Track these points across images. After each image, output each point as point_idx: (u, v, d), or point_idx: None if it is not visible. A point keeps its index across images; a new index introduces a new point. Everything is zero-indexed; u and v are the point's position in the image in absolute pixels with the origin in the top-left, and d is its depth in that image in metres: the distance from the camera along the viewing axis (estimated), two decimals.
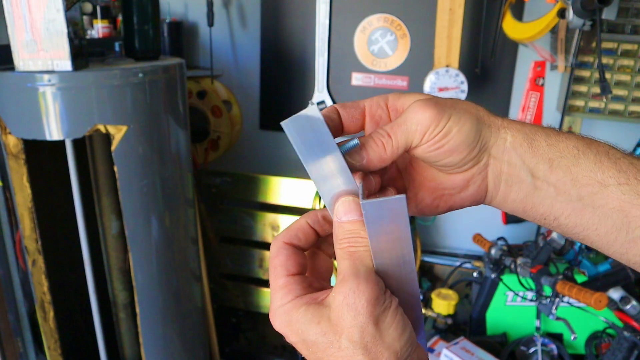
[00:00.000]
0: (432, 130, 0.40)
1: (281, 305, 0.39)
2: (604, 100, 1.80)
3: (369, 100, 0.46)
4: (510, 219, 2.09)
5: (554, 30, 1.67)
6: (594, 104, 1.82)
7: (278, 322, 0.40)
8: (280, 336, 0.41)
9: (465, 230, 2.13)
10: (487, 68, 1.92)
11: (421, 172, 0.46)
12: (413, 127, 0.41)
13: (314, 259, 0.45)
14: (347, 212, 0.39)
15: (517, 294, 1.70)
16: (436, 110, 0.40)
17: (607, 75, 1.75)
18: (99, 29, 2.03)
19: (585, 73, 1.80)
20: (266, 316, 2.14)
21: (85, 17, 1.98)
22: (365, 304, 0.36)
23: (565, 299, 1.53)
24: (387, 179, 0.47)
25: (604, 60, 1.74)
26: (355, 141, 0.41)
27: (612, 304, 1.51)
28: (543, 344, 1.66)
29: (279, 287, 0.40)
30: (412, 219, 1.93)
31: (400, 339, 0.37)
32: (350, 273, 0.37)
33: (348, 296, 0.36)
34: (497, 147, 0.42)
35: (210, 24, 1.99)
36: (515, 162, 0.42)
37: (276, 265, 0.41)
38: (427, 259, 2.11)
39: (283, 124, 0.38)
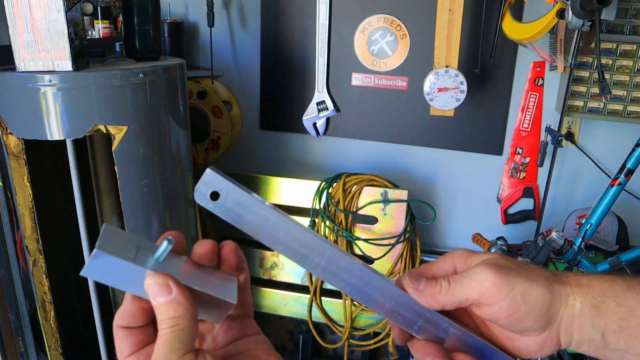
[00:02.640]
0: (493, 295, 0.42)
1: None
2: (603, 100, 1.80)
3: (435, 269, 0.49)
4: (509, 219, 2.10)
5: (553, 31, 1.67)
6: (593, 104, 1.83)
7: None
8: (281, 336, 0.42)
9: (465, 229, 2.13)
10: (487, 68, 1.93)
11: (495, 331, 0.47)
12: (473, 284, 0.43)
13: None
14: (155, 295, 0.38)
15: None
16: (502, 280, 0.42)
17: (606, 76, 1.76)
18: (99, 29, 2.03)
19: (585, 73, 1.81)
20: (266, 316, 2.15)
21: (86, 18, 1.98)
22: None
23: None
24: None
25: (603, 60, 1.75)
26: (165, 244, 0.40)
27: None
28: None
29: None
30: (412, 219, 1.94)
31: None
32: None
33: None
34: (567, 315, 0.43)
35: (211, 24, 2.00)
36: (585, 326, 0.43)
37: (116, 348, 0.42)
38: (427, 258, 2.11)
39: (83, 274, 0.39)
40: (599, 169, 1.93)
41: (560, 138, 1.80)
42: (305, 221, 1.99)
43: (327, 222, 1.92)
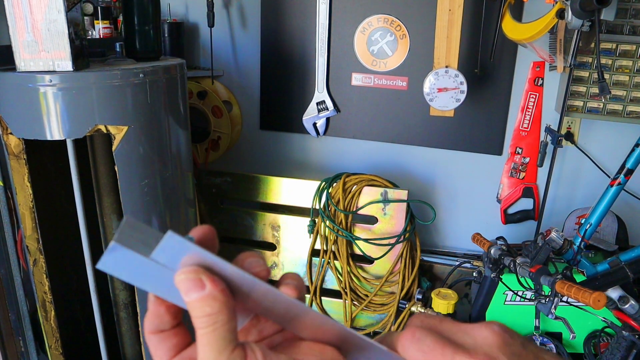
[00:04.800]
0: None
1: None
2: (603, 100, 1.80)
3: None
4: (509, 219, 2.10)
5: (552, 31, 1.68)
6: (592, 104, 1.83)
7: None
8: None
9: (465, 229, 2.13)
10: (487, 68, 1.93)
11: None
12: None
13: None
14: (187, 291, 0.34)
15: (516, 294, 1.71)
16: None
17: (606, 76, 1.76)
18: (99, 29, 2.03)
19: (584, 73, 1.81)
20: None
21: (86, 18, 1.98)
22: None
23: (564, 298, 1.54)
24: None
25: (603, 60, 1.75)
26: (192, 237, 0.36)
27: (610, 303, 1.52)
28: (542, 343, 1.67)
29: None
30: (412, 219, 1.94)
31: None
32: None
33: None
34: None
35: (211, 24, 2.00)
36: None
37: (152, 357, 0.38)
38: (427, 258, 2.11)
39: (99, 267, 0.34)
40: (599, 169, 1.93)
41: (560, 138, 1.80)
42: (305, 221, 2.00)
43: (327, 222, 1.92)
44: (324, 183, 1.95)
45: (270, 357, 0.35)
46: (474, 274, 1.83)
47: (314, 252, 2.01)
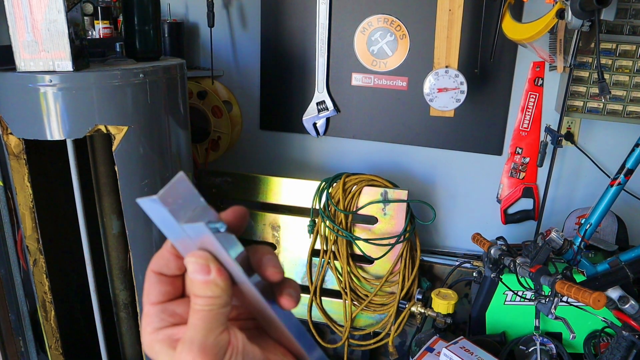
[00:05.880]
0: None
1: (143, 334, 0.41)
2: (603, 100, 1.80)
3: None
4: (509, 219, 2.10)
5: (552, 31, 1.68)
6: (592, 104, 1.83)
7: (146, 350, 0.41)
8: None
9: (465, 229, 2.13)
10: (487, 68, 1.93)
11: None
12: None
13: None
14: (193, 271, 0.38)
15: (516, 294, 1.71)
16: None
17: (606, 76, 1.76)
18: (99, 29, 2.03)
19: (584, 73, 1.81)
20: None
21: (86, 18, 1.98)
22: None
23: (564, 298, 1.54)
24: None
25: (603, 60, 1.75)
26: (217, 226, 0.38)
27: (610, 303, 1.52)
28: (542, 343, 1.67)
29: (143, 316, 0.41)
30: (412, 219, 1.94)
31: None
32: (187, 340, 0.37)
33: None
34: None
35: (211, 24, 2.00)
36: None
37: (143, 292, 0.42)
38: (427, 258, 2.11)
39: (139, 202, 0.38)
40: (599, 169, 1.93)
41: (560, 138, 1.80)
42: (305, 221, 2.00)
43: (327, 222, 1.92)
44: (324, 183, 1.95)
45: (247, 347, 0.39)
46: (474, 274, 1.83)
47: (314, 252, 2.01)
